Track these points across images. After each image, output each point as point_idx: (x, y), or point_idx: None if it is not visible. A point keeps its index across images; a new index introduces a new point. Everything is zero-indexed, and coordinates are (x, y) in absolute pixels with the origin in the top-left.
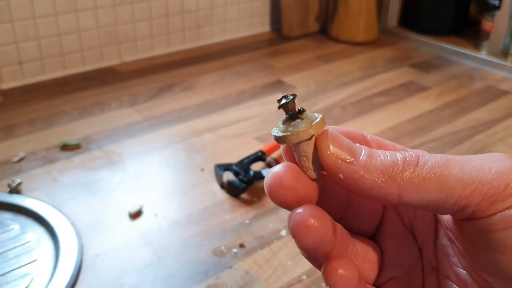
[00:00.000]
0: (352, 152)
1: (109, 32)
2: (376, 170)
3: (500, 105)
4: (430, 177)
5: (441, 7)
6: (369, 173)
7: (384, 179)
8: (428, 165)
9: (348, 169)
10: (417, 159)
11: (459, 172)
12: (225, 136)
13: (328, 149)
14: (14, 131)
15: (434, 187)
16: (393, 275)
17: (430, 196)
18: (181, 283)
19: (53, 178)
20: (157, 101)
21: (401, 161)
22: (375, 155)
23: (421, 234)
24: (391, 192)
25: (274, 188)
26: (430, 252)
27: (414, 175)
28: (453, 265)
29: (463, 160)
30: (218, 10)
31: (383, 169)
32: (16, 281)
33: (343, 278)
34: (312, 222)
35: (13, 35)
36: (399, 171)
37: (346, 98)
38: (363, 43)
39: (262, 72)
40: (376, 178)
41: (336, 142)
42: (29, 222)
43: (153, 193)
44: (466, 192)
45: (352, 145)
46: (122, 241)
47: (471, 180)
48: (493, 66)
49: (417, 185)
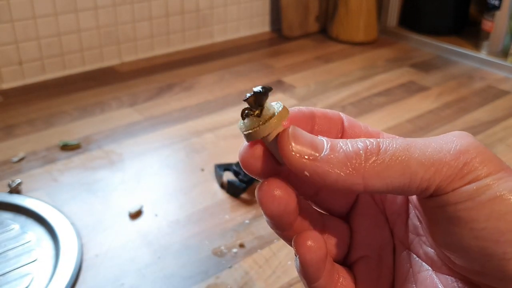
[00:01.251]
0: (314, 147)
1: (109, 32)
2: (340, 164)
3: (500, 105)
4: (392, 164)
5: (441, 7)
6: (333, 167)
7: (348, 171)
8: (390, 152)
9: (312, 166)
10: (378, 147)
11: (420, 155)
12: (225, 136)
13: (291, 149)
14: (14, 131)
15: (397, 173)
16: (363, 254)
17: (394, 182)
18: (181, 283)
19: (53, 178)
20: (157, 101)
21: (363, 150)
22: (337, 147)
23: (393, 215)
24: (356, 183)
25: (247, 158)
26: (401, 232)
27: (376, 164)
28: (423, 244)
29: (423, 142)
30: (218, 10)
31: (346, 161)
32: (16, 281)
33: (311, 249)
34: (277, 192)
35: (13, 35)
36: (362, 161)
37: (346, 98)
38: (363, 43)
39: (262, 72)
40: (340, 171)
41: (297, 140)
42: (29, 222)
43: (153, 193)
44: (427, 175)
45: (313, 140)
46: (122, 241)
47: (431, 162)
48: (493, 66)
49: (381, 173)
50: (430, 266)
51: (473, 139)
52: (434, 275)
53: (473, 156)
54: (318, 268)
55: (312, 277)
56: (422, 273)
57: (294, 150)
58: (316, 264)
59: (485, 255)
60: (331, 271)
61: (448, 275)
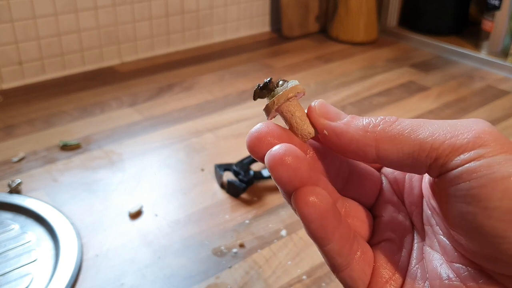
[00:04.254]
0: (337, 113)
1: (109, 32)
2: (356, 127)
3: (500, 105)
4: (404, 131)
5: (441, 7)
6: (350, 128)
7: (362, 133)
8: (405, 123)
9: (331, 125)
10: (394, 119)
11: (432, 127)
12: (225, 136)
13: (316, 110)
14: (14, 131)
15: (408, 139)
16: (387, 237)
17: (405, 148)
18: (181, 283)
19: (53, 178)
20: (157, 101)
21: (379, 119)
22: (358, 117)
23: (411, 205)
24: (368, 144)
25: (252, 143)
26: (418, 224)
27: (390, 129)
28: (436, 234)
29: (439, 121)
30: (218, 10)
31: (362, 126)
32: (16, 281)
33: (311, 203)
34: (287, 158)
35: (13, 35)
36: (377, 126)
37: (346, 98)
38: (363, 43)
39: (262, 72)
40: (355, 132)
41: (324, 106)
42: (29, 222)
43: (153, 193)
44: (436, 144)
45: (338, 110)
46: (122, 241)
47: (442, 133)
48: (493, 66)
49: (393, 138)
50: (443, 255)
51: (490, 125)
52: (447, 265)
53: (487, 135)
54: (322, 225)
55: (319, 237)
56: (435, 262)
57: (318, 112)
58: (318, 220)
59: (497, 236)
60: (347, 237)
61: (461, 264)
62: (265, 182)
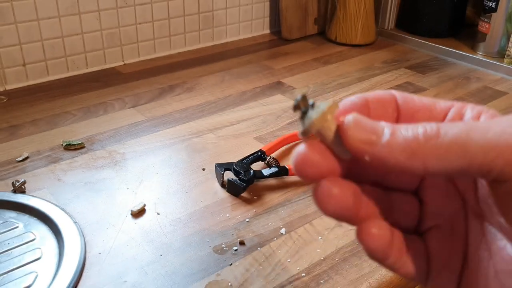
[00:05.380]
0: (375, 132)
1: (112, 34)
2: (399, 148)
3: (496, 106)
4: (451, 147)
5: (438, 9)
6: (392, 151)
7: (407, 154)
8: (449, 135)
9: (373, 150)
10: (437, 131)
11: (480, 139)
12: (226, 136)
13: (352, 134)
14: (18, 131)
15: (456, 156)
16: (435, 223)
17: (453, 164)
18: (183, 280)
19: (57, 177)
20: (159, 102)
21: (422, 134)
22: (397, 132)
23: (462, 184)
24: (415, 166)
25: (299, 165)
26: (473, 202)
27: (435, 147)
28: (495, 214)
29: (485, 125)
30: (218, 12)
31: (405, 146)
32: (20, 278)
33: (375, 237)
34: (333, 191)
35: (16, 36)
36: (422, 145)
37: (344, 99)
38: (361, 45)
39: (262, 74)
40: (399, 155)
41: (358, 126)
42: (33, 220)
43: (155, 192)
44: (488, 159)
45: (374, 126)
46: (124, 239)
47: (492, 146)
48: (489, 67)
49: (439, 156)
50: (505, 235)
51: None
52: (510, 244)
53: None
54: (384, 252)
55: (380, 259)
56: (497, 242)
57: (355, 137)
58: (382, 251)
59: None
60: (400, 248)
61: None
62: (265, 181)
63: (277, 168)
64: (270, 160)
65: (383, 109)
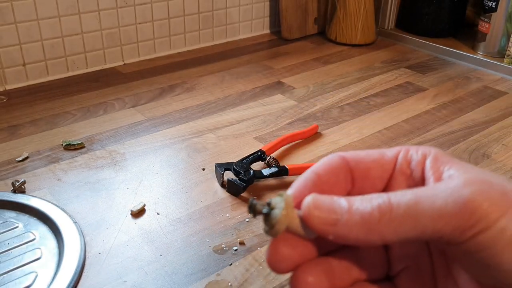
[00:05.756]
0: (334, 211)
1: (112, 34)
2: (357, 226)
3: (496, 106)
4: (405, 220)
5: (438, 9)
6: (352, 229)
7: (365, 231)
8: (401, 208)
9: (334, 230)
10: (390, 205)
11: (429, 209)
12: (226, 136)
13: (314, 219)
14: (18, 131)
15: (410, 227)
16: (403, 266)
17: (408, 234)
18: (183, 280)
19: (57, 177)
20: (159, 102)
21: (377, 210)
22: (353, 208)
23: None
24: (374, 240)
25: (272, 263)
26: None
27: (390, 221)
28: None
29: (432, 194)
30: (218, 12)
31: (362, 223)
32: (20, 278)
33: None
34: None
35: (16, 36)
36: (377, 221)
37: (344, 98)
38: (361, 45)
39: (262, 74)
40: (358, 232)
41: (318, 209)
42: (33, 220)
43: (155, 192)
44: (437, 227)
45: (332, 205)
46: (124, 239)
47: (439, 215)
48: (489, 67)
49: (394, 229)
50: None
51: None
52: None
53: (479, 203)
54: None
55: None
56: (462, 275)
57: (317, 221)
58: None
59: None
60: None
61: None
62: (265, 181)
63: (277, 168)
64: (270, 160)
65: (335, 178)
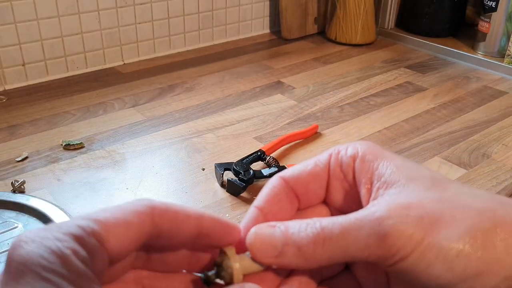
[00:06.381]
0: (274, 245)
1: (112, 34)
2: (295, 256)
3: (496, 106)
4: (335, 250)
5: (438, 9)
6: (291, 259)
7: (303, 261)
8: (332, 240)
9: (276, 261)
10: (323, 236)
11: (355, 242)
12: (226, 136)
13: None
14: (18, 131)
15: (340, 256)
16: None
17: (340, 260)
18: None
19: (56, 177)
20: (159, 102)
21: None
22: (290, 240)
23: None
24: (312, 266)
25: None
26: None
27: (323, 251)
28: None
29: (357, 227)
30: (218, 12)
31: (299, 255)
32: None
33: None
34: None
35: (16, 36)
36: (312, 252)
37: (344, 98)
38: (361, 44)
39: (262, 73)
40: (298, 261)
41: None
42: (32, 220)
43: (155, 192)
44: (364, 256)
45: (271, 238)
46: None
47: (365, 247)
48: (489, 67)
49: (328, 257)
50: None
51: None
52: None
53: (397, 237)
54: None
55: None
56: None
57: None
58: None
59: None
60: None
61: None
62: (264, 181)
63: (276, 168)
64: (269, 160)
65: (278, 205)
